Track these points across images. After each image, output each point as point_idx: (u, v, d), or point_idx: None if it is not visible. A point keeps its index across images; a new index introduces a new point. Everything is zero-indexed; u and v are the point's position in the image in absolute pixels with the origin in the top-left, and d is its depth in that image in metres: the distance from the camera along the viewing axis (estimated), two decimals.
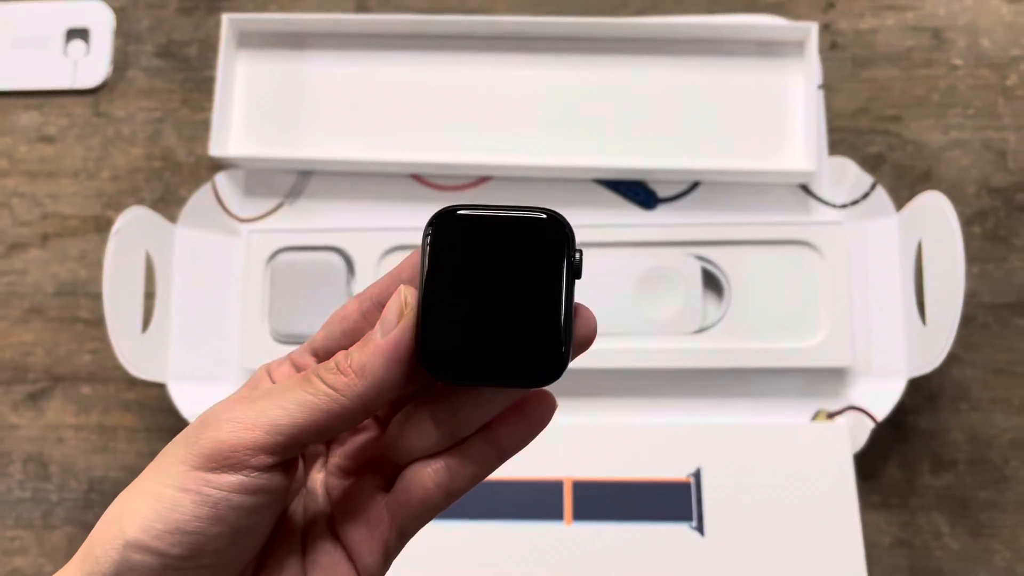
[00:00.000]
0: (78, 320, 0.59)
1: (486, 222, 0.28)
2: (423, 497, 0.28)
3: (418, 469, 0.28)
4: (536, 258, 0.28)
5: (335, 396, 0.27)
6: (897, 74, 0.59)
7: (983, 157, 0.58)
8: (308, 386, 0.27)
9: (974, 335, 0.56)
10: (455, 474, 0.29)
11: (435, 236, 0.28)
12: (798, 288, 0.55)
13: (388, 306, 0.28)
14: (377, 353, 0.27)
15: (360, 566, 0.29)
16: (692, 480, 0.53)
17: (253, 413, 0.27)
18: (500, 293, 0.28)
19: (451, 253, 0.28)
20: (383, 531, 0.29)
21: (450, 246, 0.28)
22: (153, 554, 0.26)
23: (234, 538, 0.27)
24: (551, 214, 0.28)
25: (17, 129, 0.62)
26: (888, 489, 0.55)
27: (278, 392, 0.27)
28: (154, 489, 0.26)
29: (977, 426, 0.55)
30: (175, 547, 0.26)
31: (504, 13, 0.62)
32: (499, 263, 0.28)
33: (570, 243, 0.28)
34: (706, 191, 0.58)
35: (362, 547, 0.29)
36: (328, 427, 0.27)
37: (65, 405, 0.58)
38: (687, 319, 0.55)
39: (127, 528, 0.26)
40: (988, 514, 0.54)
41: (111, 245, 0.51)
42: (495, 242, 0.28)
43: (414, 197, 0.58)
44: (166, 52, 0.62)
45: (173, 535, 0.26)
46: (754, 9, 0.61)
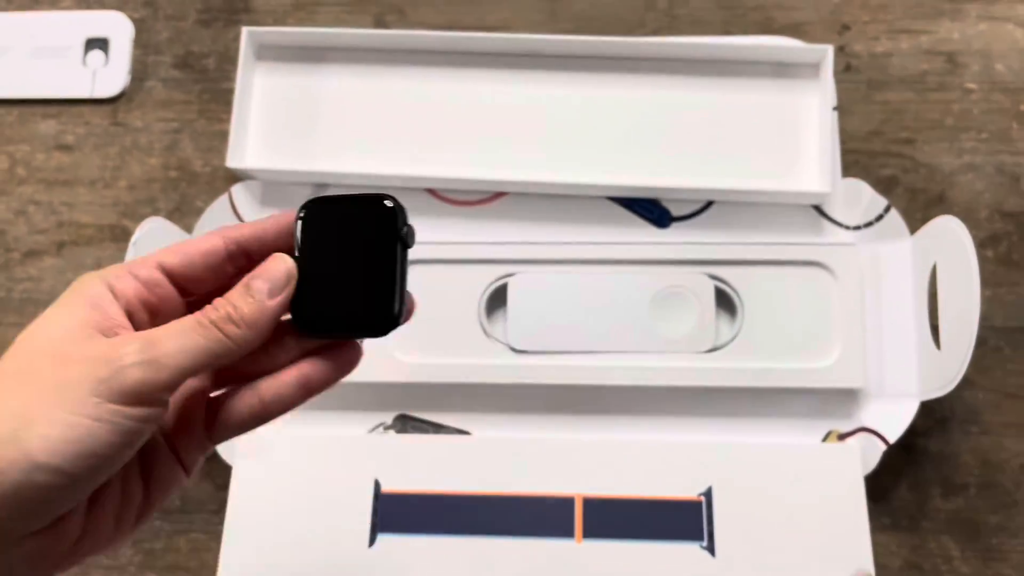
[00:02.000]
0: None
1: (341, 207, 0.35)
2: (239, 421, 0.34)
3: (237, 399, 0.34)
4: (376, 233, 0.35)
5: (228, 344, 0.32)
6: (911, 97, 0.60)
7: (996, 181, 0.58)
8: (207, 332, 0.32)
9: (986, 358, 0.56)
10: (267, 404, 0.35)
11: (304, 220, 0.35)
12: (811, 309, 0.55)
13: (275, 270, 0.34)
14: (267, 311, 0.33)
15: (184, 462, 0.35)
16: (703, 499, 0.53)
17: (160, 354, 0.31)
18: (350, 263, 0.34)
19: (315, 233, 0.35)
20: (201, 439, 0.35)
21: (315, 228, 0.35)
22: (61, 475, 0.29)
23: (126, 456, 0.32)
24: (385, 196, 0.35)
25: (35, 137, 0.62)
26: (898, 511, 0.55)
27: (178, 334, 0.32)
28: (66, 418, 0.30)
29: (988, 450, 0.55)
30: (83, 469, 0.30)
31: (521, 31, 0.62)
32: (350, 239, 0.35)
33: (400, 219, 0.35)
34: (720, 210, 0.58)
35: (186, 450, 0.35)
36: (214, 366, 0.33)
37: None
38: (700, 338, 0.55)
39: (35, 452, 0.29)
40: (999, 539, 0.54)
41: (129, 255, 0.52)
42: (347, 223, 0.35)
43: (429, 211, 0.59)
44: (184, 63, 0.63)
45: (85, 459, 0.30)
46: (769, 31, 0.61)
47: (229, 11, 0.64)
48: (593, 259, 0.56)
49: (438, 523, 0.52)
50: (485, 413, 0.56)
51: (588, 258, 0.56)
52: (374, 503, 0.53)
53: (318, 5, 0.63)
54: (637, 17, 0.62)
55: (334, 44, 0.60)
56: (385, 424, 0.56)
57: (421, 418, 0.56)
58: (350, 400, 0.56)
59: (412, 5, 0.63)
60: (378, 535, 0.53)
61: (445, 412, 0.56)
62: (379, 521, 0.53)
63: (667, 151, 0.58)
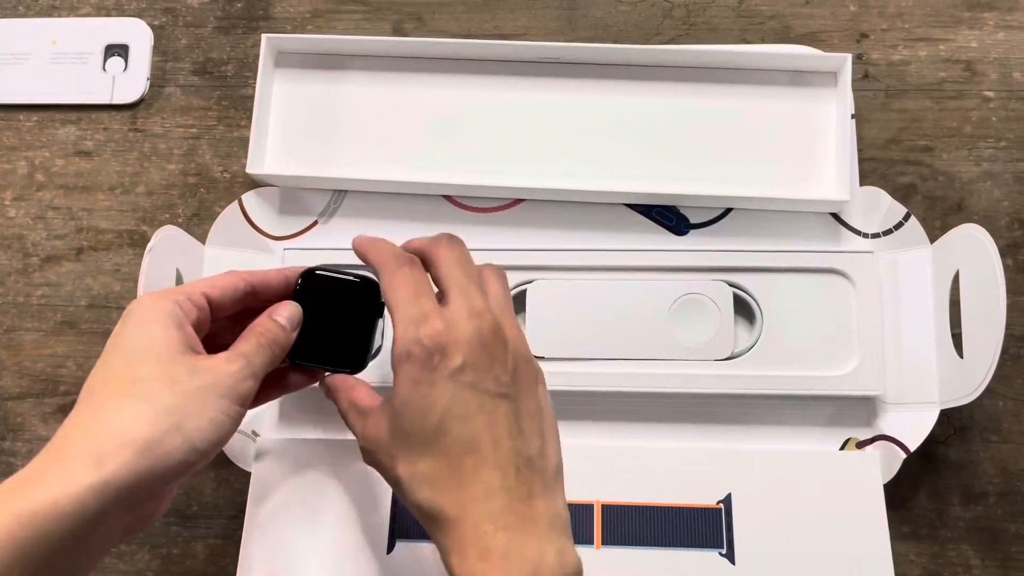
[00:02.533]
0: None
1: (330, 280, 0.47)
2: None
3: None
4: (357, 302, 0.47)
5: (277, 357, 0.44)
6: (929, 105, 0.60)
7: (1015, 189, 0.58)
8: (267, 350, 0.43)
9: (1006, 367, 0.56)
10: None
11: (302, 284, 0.47)
12: (830, 316, 0.55)
13: (291, 314, 0.45)
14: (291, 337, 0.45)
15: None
16: (722, 507, 0.52)
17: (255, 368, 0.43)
18: (336, 320, 0.47)
19: (310, 295, 0.47)
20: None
21: (310, 291, 0.47)
22: (205, 456, 0.40)
23: None
24: (365, 279, 0.47)
25: (54, 143, 0.63)
26: (918, 520, 0.54)
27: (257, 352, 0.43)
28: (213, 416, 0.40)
29: (1008, 458, 0.55)
30: (215, 451, 0.40)
31: (539, 39, 0.62)
32: (336, 303, 0.47)
33: (376, 295, 0.47)
34: (738, 218, 0.58)
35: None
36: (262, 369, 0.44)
37: None
38: (719, 345, 0.55)
39: (195, 440, 0.39)
40: (1018, 547, 0.54)
41: (145, 262, 0.52)
42: (335, 291, 0.47)
43: (447, 218, 0.59)
44: (203, 70, 0.63)
45: (218, 444, 0.40)
46: (787, 39, 0.61)
47: (248, 18, 0.64)
48: (611, 266, 0.56)
49: None
50: None
51: (606, 265, 0.56)
52: (392, 509, 0.53)
53: (337, 12, 0.64)
54: (654, 25, 0.62)
55: (352, 51, 0.60)
56: None
57: None
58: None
59: (430, 13, 0.63)
60: (396, 542, 0.52)
61: None
62: (397, 527, 0.53)
63: (685, 158, 0.58)
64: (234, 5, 0.64)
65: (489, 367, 0.41)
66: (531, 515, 0.39)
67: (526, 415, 0.42)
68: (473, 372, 0.40)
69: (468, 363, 0.40)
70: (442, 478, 0.40)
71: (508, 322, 0.43)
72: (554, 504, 0.41)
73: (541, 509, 0.40)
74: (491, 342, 0.41)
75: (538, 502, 0.40)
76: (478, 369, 0.41)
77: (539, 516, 0.40)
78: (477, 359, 0.41)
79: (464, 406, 0.40)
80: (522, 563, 0.38)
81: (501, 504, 0.39)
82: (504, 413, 0.41)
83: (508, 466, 0.40)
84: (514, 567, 0.38)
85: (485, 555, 0.38)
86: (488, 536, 0.38)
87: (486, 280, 0.44)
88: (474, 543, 0.39)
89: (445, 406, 0.40)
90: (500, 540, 0.38)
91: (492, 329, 0.41)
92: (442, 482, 0.40)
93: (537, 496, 0.40)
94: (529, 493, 0.40)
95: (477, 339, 0.41)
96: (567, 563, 0.39)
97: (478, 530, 0.39)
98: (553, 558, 0.39)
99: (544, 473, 0.41)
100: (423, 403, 0.40)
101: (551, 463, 0.42)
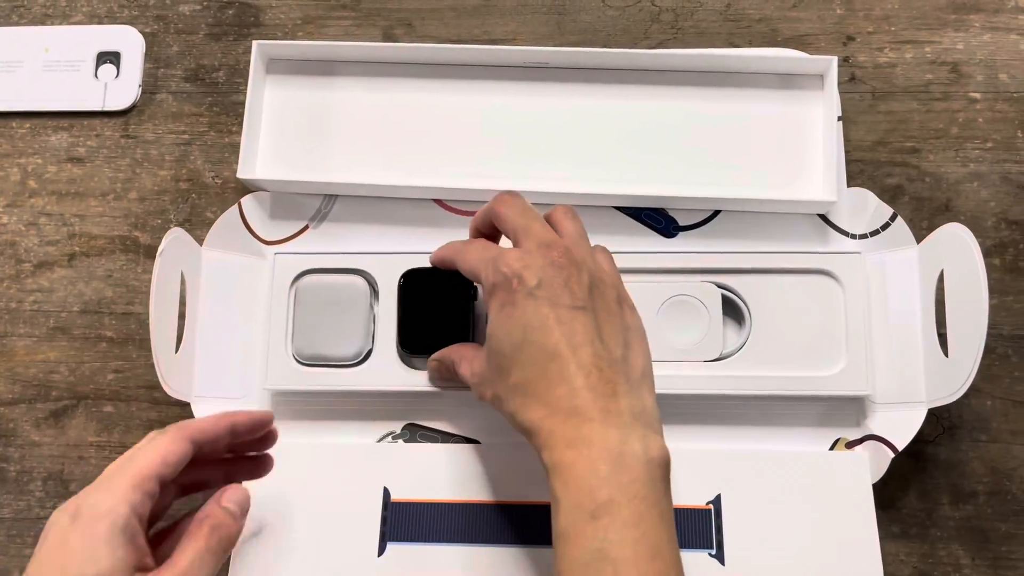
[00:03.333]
0: (103, 339, 0.60)
1: (427, 272, 0.55)
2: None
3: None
4: (454, 291, 0.55)
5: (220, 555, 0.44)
6: (916, 107, 0.60)
7: (1002, 190, 0.59)
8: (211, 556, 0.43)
9: (993, 366, 0.56)
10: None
11: (404, 283, 0.56)
12: (818, 317, 0.55)
13: (240, 499, 0.46)
14: (236, 529, 0.45)
15: None
16: (711, 507, 0.53)
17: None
18: (437, 310, 0.55)
19: (412, 291, 0.55)
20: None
21: (411, 288, 0.55)
22: None
23: None
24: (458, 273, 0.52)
25: (47, 149, 0.63)
26: (908, 519, 0.55)
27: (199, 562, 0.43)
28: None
29: (996, 458, 0.55)
30: None
31: (528, 43, 0.63)
32: (436, 294, 0.55)
33: (472, 285, 0.54)
34: (726, 219, 0.58)
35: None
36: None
37: (87, 423, 0.59)
38: (708, 346, 0.55)
39: None
40: (1008, 547, 0.54)
41: (157, 266, 0.52)
42: (433, 283, 0.55)
43: (436, 221, 0.59)
44: (195, 76, 0.64)
45: None
46: (774, 43, 0.62)
47: (239, 25, 0.64)
48: None
49: (448, 532, 0.53)
50: (493, 421, 0.56)
51: None
52: (383, 512, 0.53)
53: (327, 19, 0.64)
54: (642, 29, 0.63)
55: (343, 57, 0.61)
56: (394, 433, 0.56)
57: (430, 427, 0.56)
58: (359, 410, 0.56)
59: (420, 18, 0.64)
60: (388, 544, 0.53)
61: (454, 421, 0.56)
62: (388, 530, 0.53)
63: (673, 161, 0.59)
64: (225, 12, 0.65)
65: (564, 284, 0.44)
66: (615, 408, 0.43)
67: (607, 326, 0.45)
68: (548, 289, 0.44)
69: (544, 282, 0.44)
70: (531, 385, 0.44)
71: (582, 250, 0.47)
72: (640, 400, 0.44)
73: (625, 404, 0.43)
74: (563, 263, 0.45)
75: (622, 399, 0.43)
76: (552, 287, 0.44)
77: (623, 410, 0.43)
78: (552, 279, 0.44)
79: (543, 319, 0.44)
80: (606, 451, 0.41)
81: (586, 400, 0.42)
82: (582, 323, 0.44)
83: (591, 367, 0.43)
84: (598, 454, 0.41)
85: (572, 443, 0.42)
86: (573, 428, 0.42)
87: (557, 220, 0.48)
88: (561, 435, 0.42)
89: (526, 321, 0.44)
90: (585, 431, 0.42)
91: (562, 252, 0.45)
92: (531, 389, 0.43)
93: (621, 394, 0.43)
94: (613, 392, 0.43)
95: (548, 262, 0.45)
96: (652, 450, 0.42)
97: (565, 424, 0.42)
98: (639, 446, 0.42)
99: (628, 375, 0.44)
100: (508, 323, 0.44)
101: (636, 366, 0.45)
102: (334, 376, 0.55)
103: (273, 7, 0.64)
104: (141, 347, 0.59)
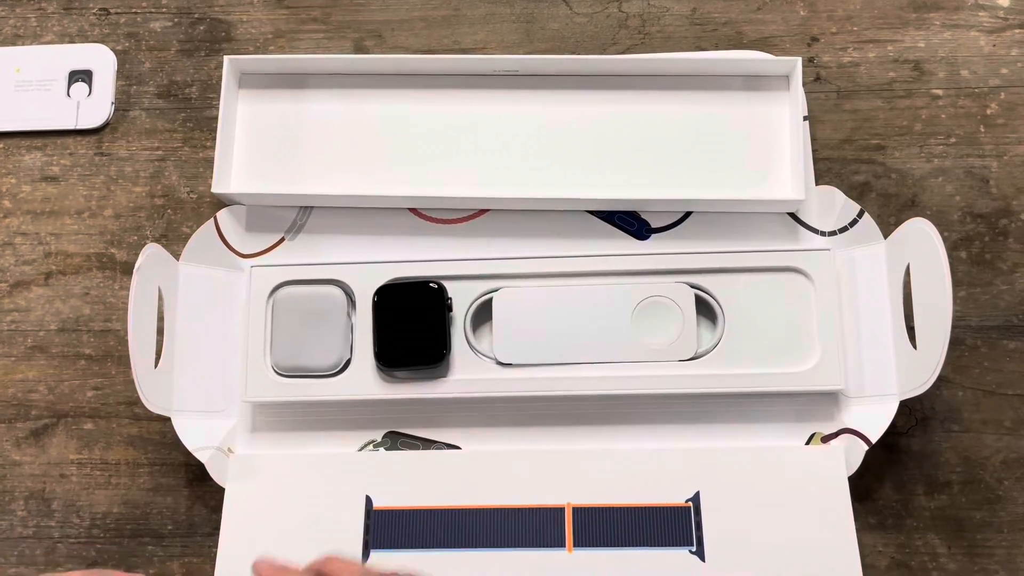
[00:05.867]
0: (81, 356, 0.60)
1: (402, 287, 0.56)
2: None
3: None
4: (429, 303, 0.56)
5: None
6: (880, 105, 0.61)
7: (966, 184, 0.60)
8: None
9: (963, 358, 0.57)
10: None
11: (379, 299, 0.56)
12: (790, 313, 0.56)
13: None
14: None
15: None
16: (691, 505, 0.53)
17: None
18: (412, 322, 0.55)
19: (387, 306, 0.56)
20: None
21: (385, 303, 0.56)
22: None
23: None
24: (432, 280, 0.56)
25: (21, 169, 0.63)
26: (884, 511, 0.55)
27: None
28: None
29: (969, 447, 0.56)
30: None
31: (497, 52, 0.63)
32: (411, 307, 0.56)
33: (445, 295, 0.56)
34: (698, 220, 0.59)
35: None
36: None
37: (68, 441, 0.59)
38: (682, 346, 0.56)
39: None
40: (983, 535, 0.55)
41: (135, 282, 0.52)
42: (408, 296, 0.56)
43: (412, 230, 0.59)
44: (168, 93, 0.64)
45: None
46: (740, 45, 0.63)
47: (211, 40, 0.65)
48: (575, 272, 0.57)
49: (431, 538, 0.53)
50: (474, 427, 0.56)
51: (570, 271, 0.57)
52: (366, 520, 0.53)
53: (298, 32, 0.65)
54: (610, 35, 0.63)
55: (315, 70, 0.61)
56: (375, 442, 0.56)
57: (411, 434, 0.57)
58: (340, 419, 0.56)
59: (390, 30, 0.64)
60: (371, 552, 0.53)
61: (434, 428, 0.56)
62: (371, 538, 0.53)
63: (644, 164, 0.59)
64: (196, 28, 0.65)
65: None
66: None
67: None
68: None
69: None
70: None
71: None
72: None
73: None
74: None
75: None
76: None
77: None
78: None
79: None
80: None
81: None
82: None
83: None
84: None
85: None
86: None
87: None
88: None
89: None
90: None
91: None
92: None
93: None
94: None
95: None
96: None
97: None
98: None
99: None
100: None
101: None
102: (313, 387, 0.56)
103: (244, 22, 0.65)
104: (120, 363, 0.59)
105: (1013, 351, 0.57)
